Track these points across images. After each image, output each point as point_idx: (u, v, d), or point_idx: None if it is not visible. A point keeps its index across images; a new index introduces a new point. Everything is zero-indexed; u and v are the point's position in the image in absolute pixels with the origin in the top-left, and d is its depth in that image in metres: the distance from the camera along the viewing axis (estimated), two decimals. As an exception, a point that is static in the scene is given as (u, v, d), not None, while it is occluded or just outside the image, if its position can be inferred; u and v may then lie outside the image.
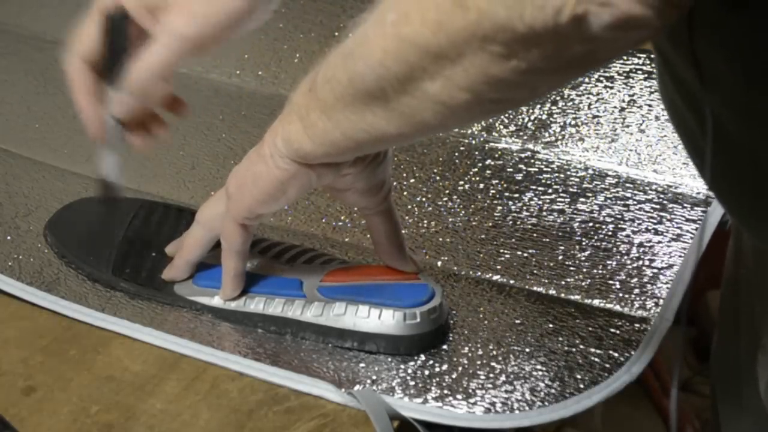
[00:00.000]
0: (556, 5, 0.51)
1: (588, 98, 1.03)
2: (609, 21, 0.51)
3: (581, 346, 0.79)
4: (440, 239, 0.91)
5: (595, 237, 0.90)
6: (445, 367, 0.77)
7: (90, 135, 0.81)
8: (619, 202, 0.94)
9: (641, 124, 1.01)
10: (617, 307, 0.83)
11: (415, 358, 0.77)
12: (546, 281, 0.86)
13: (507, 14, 0.52)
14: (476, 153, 1.01)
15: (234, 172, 0.75)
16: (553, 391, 0.74)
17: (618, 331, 0.80)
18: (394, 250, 0.80)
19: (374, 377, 0.76)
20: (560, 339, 0.79)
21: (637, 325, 0.81)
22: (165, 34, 0.76)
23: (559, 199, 0.94)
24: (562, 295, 0.85)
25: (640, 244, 0.89)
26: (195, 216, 0.81)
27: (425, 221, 0.93)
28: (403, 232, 0.80)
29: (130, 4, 0.77)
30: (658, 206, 0.93)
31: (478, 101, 0.59)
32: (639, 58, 1.04)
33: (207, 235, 0.80)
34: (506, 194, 0.95)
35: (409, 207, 0.95)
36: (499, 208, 0.94)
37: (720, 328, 0.88)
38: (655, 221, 0.91)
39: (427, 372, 0.76)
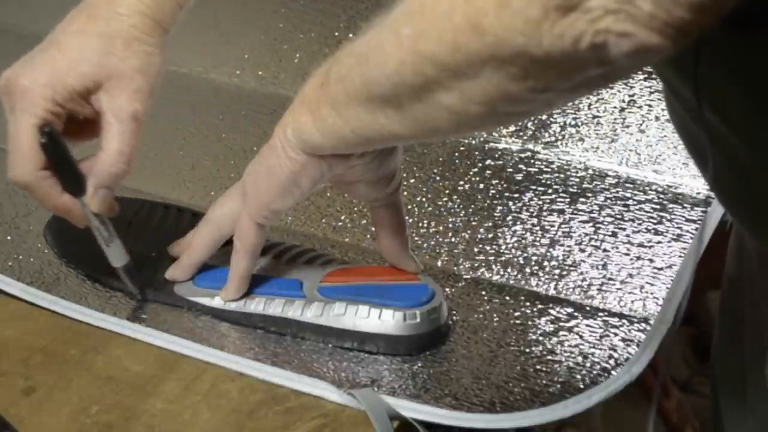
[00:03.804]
0: (575, 34, 0.51)
1: (588, 98, 1.03)
2: (627, 50, 0.51)
3: (581, 346, 0.79)
4: (440, 239, 0.91)
5: (595, 237, 0.90)
6: (445, 367, 0.77)
7: (82, 226, 0.81)
8: (619, 202, 0.94)
9: (641, 124, 1.01)
10: (617, 307, 0.83)
11: (416, 358, 0.77)
12: (546, 281, 0.86)
13: (525, 41, 0.52)
14: (476, 153, 1.01)
15: (248, 169, 0.76)
16: (553, 390, 0.74)
17: (618, 331, 0.80)
18: (398, 246, 0.80)
19: (374, 377, 0.76)
20: (560, 339, 0.79)
21: (637, 325, 0.81)
22: (118, 119, 0.77)
23: (559, 199, 0.94)
24: (562, 295, 0.85)
25: (640, 244, 0.89)
26: (204, 215, 0.81)
27: (425, 221, 0.93)
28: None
29: (63, 96, 0.76)
30: (658, 206, 0.93)
31: (493, 113, 0.59)
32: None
33: (216, 234, 0.80)
34: (506, 194, 0.95)
35: (409, 207, 0.95)
36: (499, 208, 0.94)
37: (721, 328, 0.88)
38: (655, 221, 0.91)
39: (427, 372, 0.76)
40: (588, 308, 0.83)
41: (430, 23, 0.57)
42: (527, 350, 0.78)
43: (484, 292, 0.85)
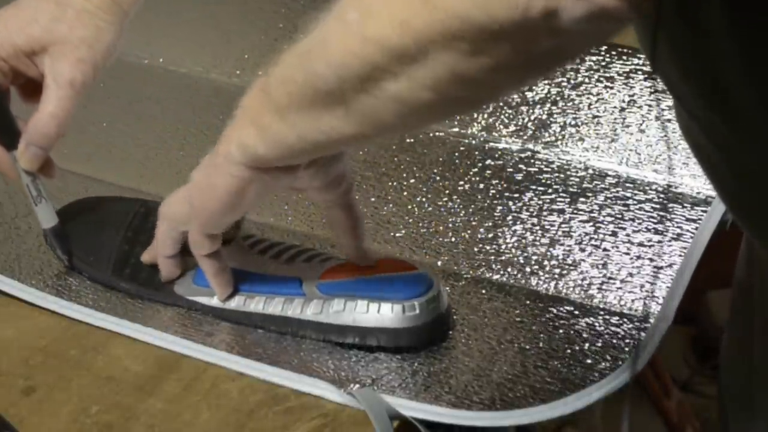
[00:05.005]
0: (527, 0, 0.50)
1: (588, 98, 1.03)
2: (581, 14, 0.50)
3: (581, 345, 0.79)
4: (440, 239, 0.91)
5: (595, 236, 0.90)
6: (444, 366, 0.77)
7: (13, 179, 0.84)
8: (619, 202, 0.94)
9: (641, 124, 1.01)
10: (617, 307, 0.83)
11: (415, 356, 0.77)
12: (546, 280, 0.86)
13: (476, 12, 0.52)
14: (476, 153, 1.01)
15: (195, 182, 0.75)
16: (553, 388, 0.74)
17: (618, 330, 0.80)
18: (354, 243, 0.79)
19: (374, 377, 0.76)
20: (560, 338, 0.79)
21: (637, 324, 0.81)
22: (56, 84, 0.80)
23: (559, 199, 0.94)
24: (562, 294, 0.85)
25: (640, 244, 0.89)
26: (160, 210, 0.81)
27: (425, 221, 0.93)
28: (365, 225, 0.80)
29: (8, 52, 0.80)
30: (658, 206, 0.93)
31: (442, 100, 0.58)
32: (639, 58, 1.04)
33: (174, 231, 0.80)
34: (506, 194, 0.95)
35: (409, 207, 0.95)
36: (499, 208, 0.94)
37: (730, 332, 0.87)
38: (655, 221, 0.91)
39: (427, 370, 0.76)
40: (588, 307, 0.83)
41: (379, 3, 0.56)
42: (527, 348, 0.78)
43: (484, 291, 0.85)
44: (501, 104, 1.04)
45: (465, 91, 0.57)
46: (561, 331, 0.80)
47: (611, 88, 1.03)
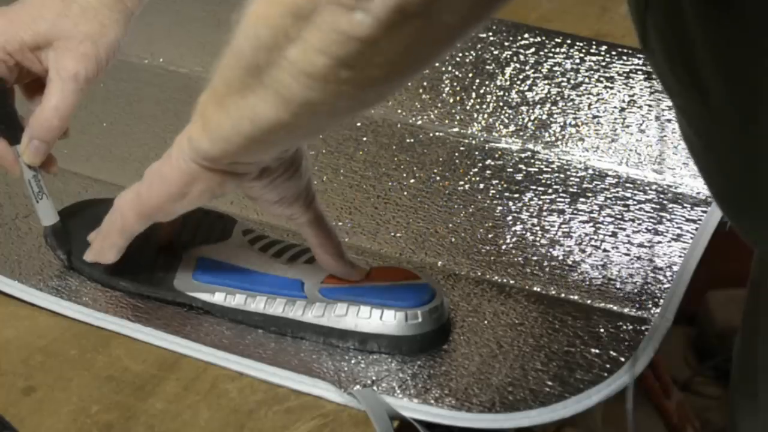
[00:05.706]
0: None
1: (588, 98, 1.03)
2: None
3: (581, 346, 0.79)
4: (440, 239, 0.91)
5: (595, 237, 0.90)
6: (445, 367, 0.77)
7: (15, 174, 0.85)
8: (619, 202, 0.94)
9: (641, 124, 1.01)
10: (617, 307, 0.83)
11: (416, 358, 0.78)
12: (546, 281, 0.86)
13: None
14: (476, 153, 1.01)
15: (148, 170, 0.76)
16: (553, 391, 0.74)
17: (618, 331, 0.80)
18: (330, 259, 0.79)
19: (374, 377, 0.76)
20: (560, 339, 0.79)
21: (637, 325, 0.81)
22: (60, 78, 0.80)
23: (559, 199, 0.94)
24: (562, 295, 0.85)
25: (640, 244, 0.89)
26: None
27: (425, 221, 0.93)
28: (341, 240, 0.80)
29: (13, 47, 0.81)
30: (658, 206, 0.93)
31: (336, 68, 0.58)
32: (639, 58, 1.04)
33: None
34: (506, 194, 0.95)
35: (409, 207, 0.95)
36: (499, 208, 0.94)
37: (742, 332, 0.88)
38: (655, 221, 0.91)
39: (427, 372, 0.76)
40: (588, 308, 0.83)
41: None
42: (527, 350, 0.78)
43: (484, 293, 0.85)
44: (501, 104, 1.04)
45: (353, 58, 0.57)
46: (561, 333, 0.80)
47: (611, 88, 1.03)
